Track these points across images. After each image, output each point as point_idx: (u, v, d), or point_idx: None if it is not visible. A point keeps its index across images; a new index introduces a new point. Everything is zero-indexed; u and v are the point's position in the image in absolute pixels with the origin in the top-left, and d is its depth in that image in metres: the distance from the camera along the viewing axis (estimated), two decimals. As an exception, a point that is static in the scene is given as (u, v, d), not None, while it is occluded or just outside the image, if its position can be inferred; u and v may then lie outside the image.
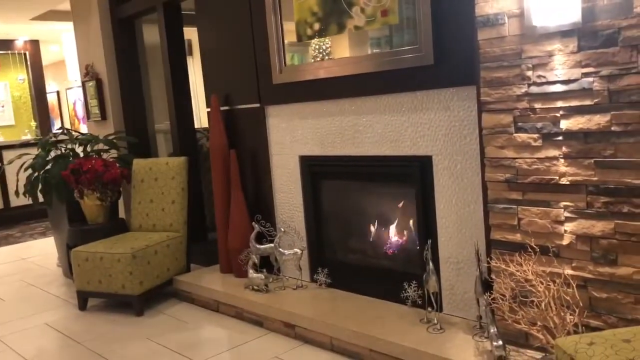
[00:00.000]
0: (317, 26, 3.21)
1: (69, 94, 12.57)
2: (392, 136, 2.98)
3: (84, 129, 11.59)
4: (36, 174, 4.52)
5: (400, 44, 2.90)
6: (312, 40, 3.34)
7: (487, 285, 2.48)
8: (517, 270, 2.27)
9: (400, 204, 3.18)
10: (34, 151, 5.01)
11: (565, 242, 2.20)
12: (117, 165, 4.42)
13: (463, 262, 2.76)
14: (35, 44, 9.73)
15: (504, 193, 2.37)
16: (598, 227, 2.11)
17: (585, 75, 2.07)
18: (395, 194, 3.23)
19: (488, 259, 2.46)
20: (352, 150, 3.20)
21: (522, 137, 2.27)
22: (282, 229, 3.58)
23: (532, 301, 2.23)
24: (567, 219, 2.19)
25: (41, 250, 5.99)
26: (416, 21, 2.73)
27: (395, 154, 2.99)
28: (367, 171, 3.21)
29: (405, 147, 2.93)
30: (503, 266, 2.33)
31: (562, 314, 2.15)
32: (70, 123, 12.62)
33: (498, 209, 2.40)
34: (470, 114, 2.62)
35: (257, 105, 3.73)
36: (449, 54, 2.64)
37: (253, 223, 3.62)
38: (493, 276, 2.41)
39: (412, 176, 2.94)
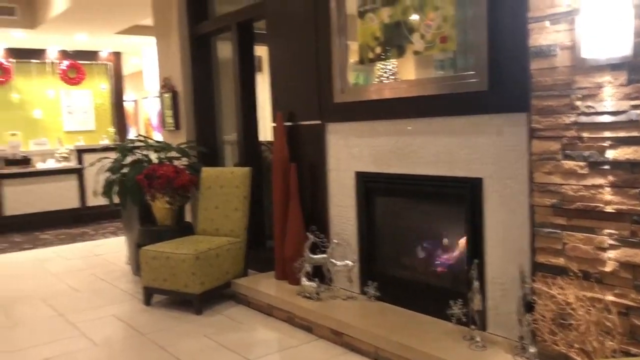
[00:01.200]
0: (378, 50, 3.38)
1: (144, 103, 13.30)
2: (445, 157, 3.10)
3: (157, 136, 12.22)
4: (113, 176, 4.90)
5: (462, 68, 3.02)
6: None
7: (529, 307, 2.55)
8: (559, 294, 2.33)
9: (450, 224, 3.28)
10: (112, 155, 5.43)
11: (608, 269, 2.25)
12: (187, 172, 4.73)
13: (508, 282, 2.83)
14: (117, 55, 10.42)
15: (550, 218, 2.44)
16: (641, 256, 2.15)
17: (634, 107, 2.13)
18: (445, 213, 3.33)
19: (532, 281, 2.53)
20: (406, 169, 3.34)
21: (569, 164, 2.34)
22: (335, 241, 3.74)
23: (572, 324, 2.28)
24: (611, 247, 2.24)
25: (112, 248, 6.42)
26: (473, 48, 2.85)
27: (447, 175, 3.10)
28: (420, 190, 3.33)
29: (457, 168, 3.04)
30: (545, 289, 2.40)
31: (602, 338, 2.20)
32: (145, 130, 13.32)
33: (544, 233, 2.47)
34: (520, 139, 2.71)
35: (318, 122, 3.94)
36: (502, 81, 2.74)
37: (308, 233, 3.80)
38: (535, 298, 2.48)
39: (463, 197, 3.04)
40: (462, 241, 3.16)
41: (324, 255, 3.73)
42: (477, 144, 2.93)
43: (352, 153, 3.71)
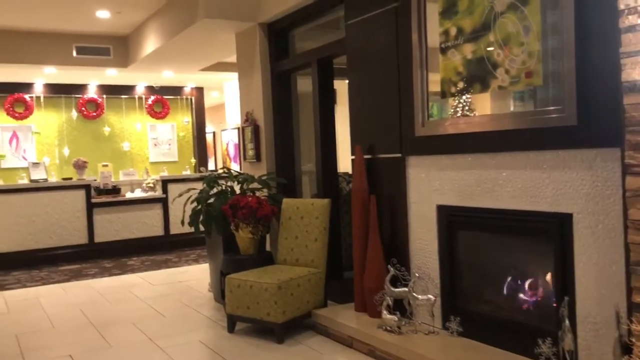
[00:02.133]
0: (461, 85, 3.41)
1: (223, 135, 13.81)
2: (532, 192, 3.06)
3: (234, 166, 12.66)
4: (199, 206, 5.13)
5: (544, 100, 3.01)
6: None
7: (626, 349, 2.45)
8: (660, 336, 2.24)
9: (537, 259, 3.22)
10: (192, 185, 5.71)
11: None
12: (269, 203, 4.89)
13: (601, 322, 2.74)
14: (200, 90, 10.97)
15: (648, 256, 2.35)
16: None
17: None
18: (532, 248, 3.27)
19: (628, 322, 2.44)
20: (491, 203, 3.32)
21: (668, 201, 2.27)
22: (417, 275, 3.74)
23: (675, 369, 2.18)
24: None
25: (194, 275, 6.67)
26: (560, 82, 2.83)
27: (534, 209, 3.06)
28: (505, 224, 3.30)
29: (545, 203, 3.00)
30: (644, 330, 2.30)
31: None
32: (222, 161, 13.83)
33: (641, 272, 2.38)
34: (613, 175, 2.65)
35: (399, 155, 3.99)
36: (592, 115, 2.70)
37: (388, 266, 3.83)
38: (633, 339, 2.39)
39: (551, 232, 2.98)
40: (550, 277, 3.09)
41: (405, 289, 3.73)
42: (565, 179, 2.89)
43: (433, 186, 3.72)
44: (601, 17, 2.64)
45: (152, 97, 10.55)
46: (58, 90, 9.80)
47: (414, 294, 3.68)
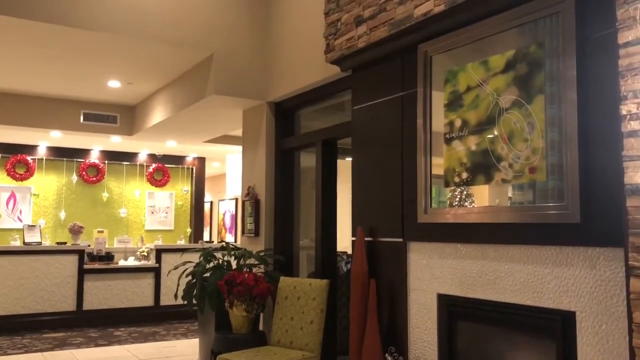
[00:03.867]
0: (464, 175, 3.47)
1: (220, 204, 13.85)
2: (534, 287, 3.04)
3: (229, 237, 12.60)
4: (194, 280, 5.06)
5: (543, 191, 3.03)
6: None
7: None
8: None
9: (538, 356, 3.15)
10: (186, 255, 5.65)
11: None
12: (265, 280, 4.83)
13: None
14: (201, 160, 11.10)
15: (654, 362, 2.31)
16: None
17: None
18: (534, 344, 3.20)
19: None
20: (492, 296, 3.28)
21: (674, 306, 2.26)
22: (415, 364, 3.65)
23: None
24: None
25: (183, 351, 6.47)
26: (563, 178, 2.88)
27: (536, 305, 3.02)
28: (507, 318, 3.25)
29: (547, 299, 2.97)
30: None
31: None
32: (218, 231, 13.77)
33: (647, 378, 2.33)
34: (617, 275, 2.65)
35: (400, 239, 3.98)
36: (596, 214, 2.73)
37: (386, 355, 3.73)
38: None
39: (553, 330, 2.93)
40: (553, 377, 3.01)
41: (403, 379, 3.62)
42: (568, 276, 2.88)
43: (434, 274, 3.70)
44: (604, 116, 2.73)
45: (154, 165, 10.66)
46: (61, 154, 9.91)
47: (411, 385, 3.57)
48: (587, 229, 2.77)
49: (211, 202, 14.47)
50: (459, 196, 3.56)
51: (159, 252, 8.66)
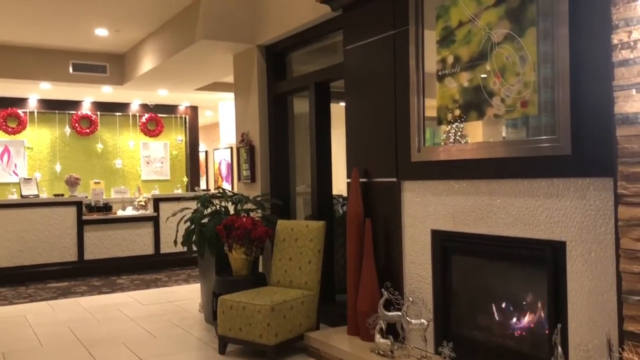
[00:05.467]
0: (457, 112, 3.48)
1: (215, 154, 13.84)
2: (526, 219, 3.11)
3: (226, 186, 12.66)
4: (193, 226, 5.13)
5: (536, 127, 3.06)
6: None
7: (618, 377, 2.48)
8: (652, 365, 2.27)
9: (530, 286, 3.25)
10: (184, 204, 5.71)
11: None
12: (263, 224, 4.90)
13: (593, 350, 2.77)
14: (194, 109, 11.03)
15: (639, 285, 2.39)
16: None
17: None
18: (525, 275, 3.31)
19: (620, 350, 2.47)
20: (485, 229, 3.36)
21: (660, 231, 2.32)
22: (410, 299, 3.76)
23: (667, 398, 2.21)
24: None
25: (185, 296, 6.63)
26: (554, 112, 2.90)
27: (528, 237, 3.10)
28: (499, 251, 3.34)
29: (538, 230, 3.04)
30: (636, 358, 2.33)
31: (700, 415, 2.11)
32: (214, 180, 13.83)
33: (633, 301, 2.42)
34: (606, 204, 2.71)
35: (394, 179, 4.03)
36: (586, 146, 2.77)
37: (382, 290, 3.84)
38: (625, 368, 2.41)
39: (544, 260, 3.02)
40: (543, 305, 3.12)
41: (399, 313, 3.74)
42: (559, 207, 2.94)
43: (428, 211, 3.76)
44: (594, 49, 2.72)
45: (146, 115, 10.59)
46: (52, 106, 9.82)
47: (407, 318, 3.69)
48: (577, 161, 2.81)
49: (206, 152, 14.46)
50: (453, 137, 3.58)
51: (157, 201, 8.73)
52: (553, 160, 2.92)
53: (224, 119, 8.91)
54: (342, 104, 4.66)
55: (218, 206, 5.33)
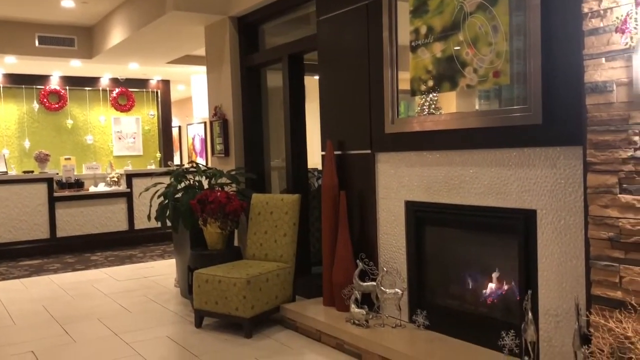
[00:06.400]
0: (430, 83, 3.48)
1: (189, 129, 13.68)
2: (497, 188, 3.15)
3: (200, 161, 12.55)
4: (167, 201, 5.08)
5: (508, 99, 3.09)
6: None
7: (585, 339, 2.55)
8: (617, 327, 2.34)
9: (502, 254, 3.31)
10: (158, 180, 5.65)
11: (667, 303, 2.26)
12: (237, 198, 4.87)
13: (562, 314, 2.84)
14: (166, 83, 10.83)
15: (607, 251, 2.45)
16: (702, 291, 2.15)
17: (693, 143, 2.16)
18: (497, 244, 3.37)
19: (587, 314, 2.54)
20: (458, 200, 3.40)
21: (626, 198, 2.37)
22: (385, 269, 3.80)
23: (631, 358, 2.29)
24: (671, 281, 2.25)
25: (160, 271, 6.60)
26: (526, 82, 2.92)
27: (500, 206, 3.15)
28: (471, 220, 3.38)
29: (510, 199, 3.09)
30: (602, 321, 2.41)
31: (662, 373, 2.19)
32: (188, 156, 13.69)
33: (600, 266, 2.48)
34: (575, 172, 2.75)
35: (368, 151, 4.03)
36: (557, 115, 2.80)
37: (357, 261, 3.88)
38: (592, 330, 2.49)
39: (515, 228, 3.07)
40: (514, 272, 3.18)
41: (373, 283, 3.78)
42: (530, 176, 2.98)
43: (402, 182, 3.78)
44: (566, 19, 2.73)
45: (117, 90, 10.37)
46: (19, 81, 9.54)
47: (382, 288, 3.74)
48: (548, 130, 2.84)
49: (179, 127, 14.27)
50: (427, 109, 3.59)
51: (130, 177, 8.62)
52: (524, 130, 2.95)
53: (196, 92, 8.75)
54: (317, 77, 4.62)
55: (192, 181, 5.28)
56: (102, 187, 8.64)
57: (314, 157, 5.76)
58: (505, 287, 3.30)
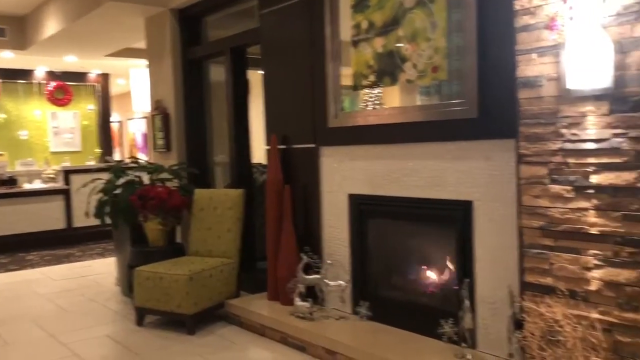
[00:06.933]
0: (372, 78, 3.52)
1: (130, 124, 13.33)
2: (436, 181, 3.23)
3: (142, 157, 12.24)
4: (106, 197, 4.94)
5: (448, 94, 3.18)
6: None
7: (519, 324, 2.66)
8: (547, 312, 2.45)
9: (441, 245, 3.40)
10: (100, 176, 5.48)
11: (592, 287, 2.38)
12: (179, 193, 4.79)
13: (498, 302, 2.95)
14: (105, 77, 10.50)
15: (538, 239, 2.56)
16: (624, 275, 2.28)
17: (615, 135, 2.28)
18: (436, 235, 3.45)
19: (521, 300, 2.64)
20: (399, 192, 3.46)
21: (555, 188, 2.48)
22: (329, 262, 3.83)
23: (560, 341, 2.40)
24: (595, 267, 2.37)
25: (100, 270, 6.41)
26: (463, 78, 3.00)
27: (438, 198, 3.23)
28: (412, 212, 3.45)
29: (448, 191, 3.17)
30: (534, 307, 2.51)
31: (587, 354, 2.31)
32: (129, 151, 13.34)
33: (532, 254, 2.59)
34: (509, 164, 2.86)
35: (312, 145, 4.05)
36: (491, 109, 2.89)
37: (301, 254, 3.89)
38: (525, 316, 2.59)
39: (453, 219, 3.16)
40: (453, 262, 3.28)
41: (318, 276, 3.81)
42: (466, 169, 3.07)
43: (345, 176, 3.82)
44: (500, 16, 2.82)
45: (53, 83, 9.97)
46: (-55, 73, 9.02)
47: (326, 280, 3.77)
48: (483, 124, 2.94)
49: (120, 122, 13.88)
50: (371, 104, 3.64)
51: (67, 173, 8.31)
52: (461, 124, 3.04)
53: (136, 86, 8.53)
54: (261, 71, 4.59)
55: (132, 176, 5.15)
56: (37, 184, 8.30)
57: (259, 152, 5.73)
58: (445, 276, 3.39)
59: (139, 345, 3.84)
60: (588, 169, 2.37)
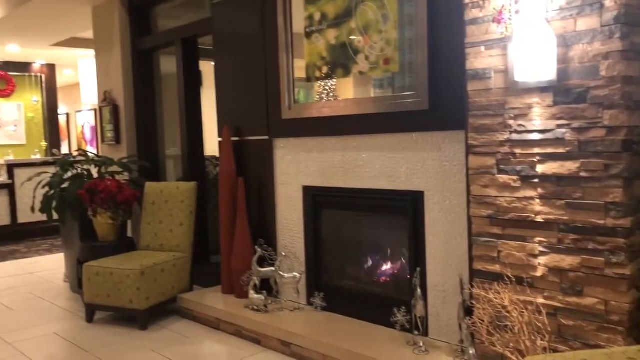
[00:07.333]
0: (325, 69, 3.53)
1: (78, 116, 12.93)
2: (388, 172, 3.27)
3: (90, 150, 11.90)
4: (52, 191, 4.78)
5: (401, 87, 3.21)
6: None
7: (468, 311, 2.73)
8: (496, 298, 2.52)
9: (393, 235, 3.45)
10: (47, 170, 5.29)
11: (538, 274, 2.46)
12: (130, 187, 4.68)
13: (448, 290, 3.01)
14: (51, 67, 10.12)
15: (487, 228, 2.63)
16: (567, 261, 2.37)
17: (559, 126, 2.36)
18: (389, 225, 3.50)
19: (470, 287, 2.71)
20: (352, 183, 3.49)
21: (503, 178, 2.55)
22: (283, 254, 3.83)
23: (507, 326, 2.47)
24: (541, 253, 2.45)
25: (47, 266, 6.21)
26: (415, 70, 3.04)
27: (391, 188, 3.27)
28: (365, 203, 3.49)
29: (400, 182, 3.22)
30: (483, 294, 2.58)
31: (533, 338, 2.39)
32: (78, 144, 12.95)
33: (481, 242, 2.66)
34: (459, 155, 2.92)
35: (266, 137, 4.03)
36: (442, 101, 2.95)
37: (256, 247, 3.87)
38: (474, 302, 2.66)
39: (405, 209, 3.21)
40: (405, 251, 3.33)
41: (272, 268, 3.80)
42: (418, 160, 3.12)
43: (299, 168, 3.82)
44: (450, 9, 2.87)
45: (-5, 73, 9.55)
46: None
47: (280, 272, 3.77)
48: (434, 115, 2.99)
49: (67, 114, 13.44)
50: (326, 95, 3.64)
51: (11, 167, 8.00)
52: (413, 116, 3.08)
53: (84, 77, 8.29)
54: (213, 62, 4.53)
55: (80, 169, 5.00)
56: (-22, 179, 7.95)
57: (212, 145, 5.65)
58: (397, 266, 3.44)
59: (89, 342, 3.75)
60: (534, 159, 2.45)
